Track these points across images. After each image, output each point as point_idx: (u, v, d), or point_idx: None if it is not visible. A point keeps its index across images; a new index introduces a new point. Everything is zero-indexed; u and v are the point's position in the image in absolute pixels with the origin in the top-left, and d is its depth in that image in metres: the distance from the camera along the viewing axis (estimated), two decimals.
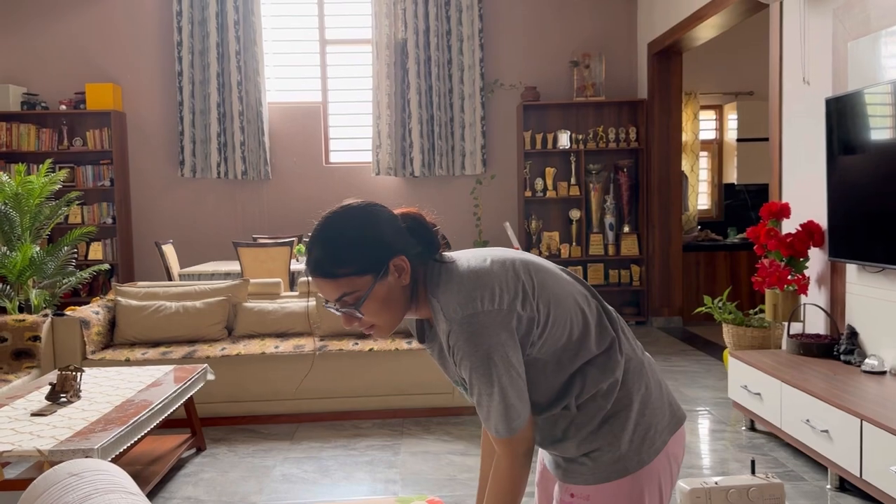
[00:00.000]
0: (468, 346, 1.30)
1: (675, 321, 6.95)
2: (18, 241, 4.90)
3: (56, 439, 2.60)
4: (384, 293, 1.35)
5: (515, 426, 1.34)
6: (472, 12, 6.97)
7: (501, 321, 1.31)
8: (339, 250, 1.33)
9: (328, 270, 1.33)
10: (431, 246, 1.41)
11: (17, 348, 4.02)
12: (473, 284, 1.33)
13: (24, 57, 7.00)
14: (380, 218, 1.36)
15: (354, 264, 1.32)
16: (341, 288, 1.33)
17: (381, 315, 1.37)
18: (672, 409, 1.48)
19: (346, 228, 1.34)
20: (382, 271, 1.33)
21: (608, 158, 7.15)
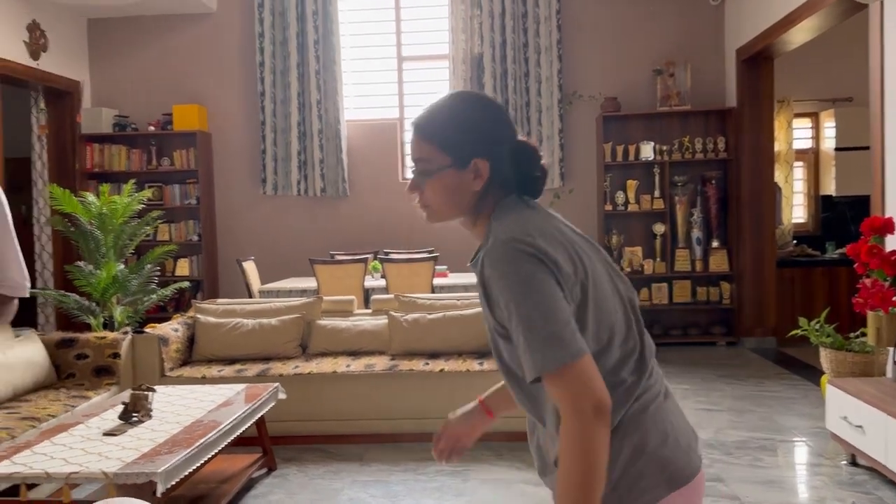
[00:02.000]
0: (507, 267, 1.19)
1: (768, 342, 6.56)
2: (103, 259, 5.07)
3: (122, 461, 2.62)
4: (452, 182, 1.33)
5: (561, 356, 1.13)
6: (549, 23, 6.83)
7: (547, 266, 1.19)
8: (440, 119, 1.34)
9: (423, 127, 1.35)
10: (523, 180, 1.35)
11: (98, 365, 4.13)
12: (536, 227, 1.25)
13: (116, 81, 7.31)
14: (496, 121, 1.35)
15: (443, 138, 1.33)
16: (423, 151, 1.34)
17: (438, 200, 1.35)
18: (676, 463, 1.28)
19: (461, 107, 1.35)
20: (463, 163, 1.32)
21: (695, 170, 6.84)
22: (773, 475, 3.59)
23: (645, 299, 6.81)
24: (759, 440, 4.09)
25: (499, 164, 1.33)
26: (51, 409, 3.60)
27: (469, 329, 4.39)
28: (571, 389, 1.13)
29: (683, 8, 6.88)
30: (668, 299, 6.81)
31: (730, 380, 5.47)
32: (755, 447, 3.97)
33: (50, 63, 6.64)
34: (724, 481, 3.49)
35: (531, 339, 1.15)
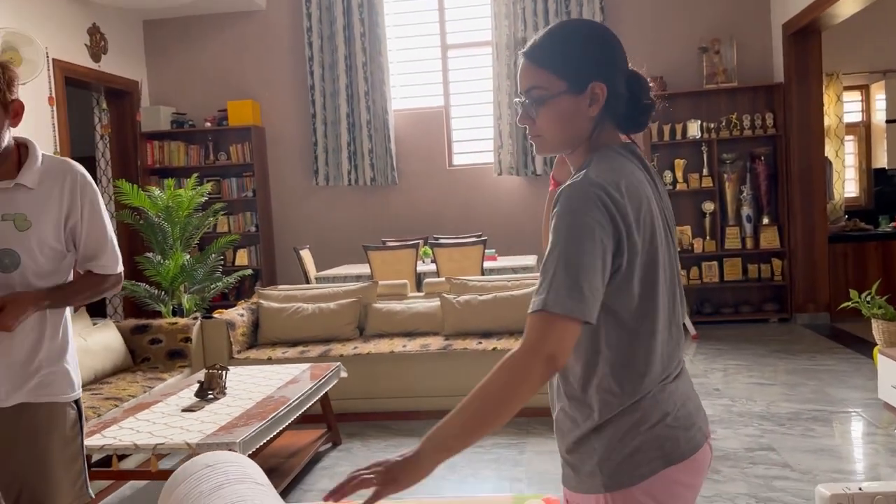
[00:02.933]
0: (579, 205, 1.19)
1: (821, 317, 6.52)
2: (171, 250, 5.34)
3: (203, 433, 2.83)
4: (567, 108, 1.29)
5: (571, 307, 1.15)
6: (592, 5, 6.86)
7: (612, 218, 1.19)
8: (557, 44, 1.30)
9: (536, 54, 1.31)
10: (634, 110, 1.32)
11: (171, 349, 4.39)
12: (629, 183, 1.24)
13: (173, 80, 7.60)
14: (611, 45, 1.31)
15: (560, 63, 1.29)
16: (536, 78, 1.30)
17: (551, 128, 1.31)
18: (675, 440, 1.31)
19: (574, 32, 1.32)
20: (579, 87, 1.28)
21: (743, 147, 6.81)
22: (824, 444, 3.64)
23: (695, 278, 6.82)
24: (812, 411, 4.13)
25: (615, 88, 1.30)
26: (130, 390, 3.85)
27: (520, 309, 4.52)
28: (550, 336, 1.15)
29: None
30: (718, 277, 6.81)
31: (782, 355, 5.49)
32: (807, 418, 4.02)
33: (110, 64, 6.94)
34: (775, 450, 3.56)
35: (559, 277, 1.16)
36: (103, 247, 1.99)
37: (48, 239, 1.90)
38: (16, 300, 1.82)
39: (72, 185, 1.93)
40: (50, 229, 1.90)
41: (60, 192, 1.92)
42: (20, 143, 1.96)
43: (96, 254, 1.98)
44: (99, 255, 1.99)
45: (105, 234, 2.00)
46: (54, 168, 1.95)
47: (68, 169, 1.95)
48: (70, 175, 1.94)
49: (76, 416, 1.98)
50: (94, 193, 1.98)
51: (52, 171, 1.94)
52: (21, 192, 1.90)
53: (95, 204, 1.97)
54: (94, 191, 1.99)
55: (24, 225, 1.88)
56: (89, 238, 1.97)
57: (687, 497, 1.35)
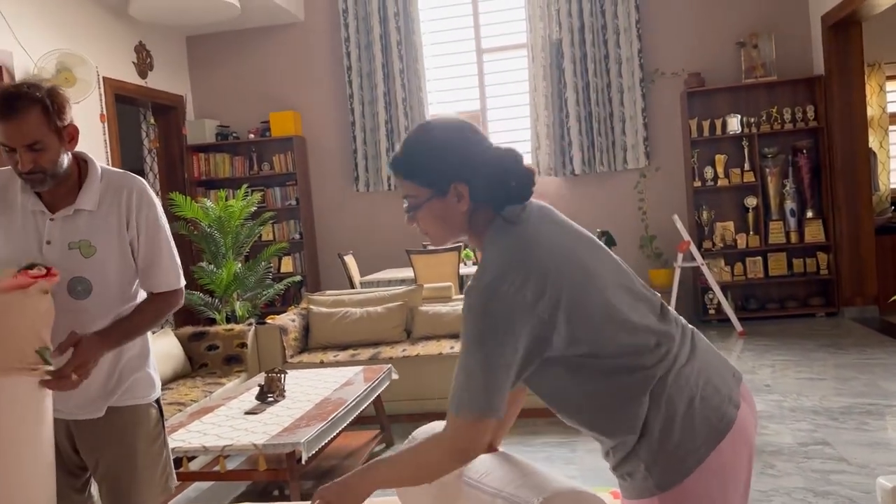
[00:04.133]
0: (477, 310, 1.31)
1: (869, 311, 6.44)
2: (223, 259, 5.50)
3: (268, 434, 2.93)
4: (439, 210, 1.43)
5: (480, 408, 1.30)
6: (627, 4, 6.87)
7: (520, 311, 1.30)
8: (413, 156, 1.44)
9: (399, 168, 1.45)
10: (507, 194, 1.41)
11: (228, 354, 4.52)
12: (515, 259, 1.33)
13: (217, 93, 7.79)
14: (465, 141, 1.42)
15: (420, 174, 1.42)
16: (405, 188, 1.45)
17: (432, 228, 1.46)
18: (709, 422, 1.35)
19: (427, 138, 1.44)
20: (442, 191, 1.41)
21: (784, 140, 6.76)
22: (879, 437, 3.62)
23: (740, 274, 6.79)
24: (865, 405, 4.10)
25: (477, 182, 1.40)
26: (192, 395, 3.99)
27: None
28: (465, 434, 1.33)
29: None
30: (763, 273, 6.76)
31: (832, 349, 5.44)
32: (861, 412, 3.99)
33: (156, 80, 7.14)
34: (830, 444, 3.55)
35: (468, 381, 1.32)
36: (160, 262, 1.95)
37: (115, 261, 1.90)
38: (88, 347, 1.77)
39: (128, 200, 1.91)
40: (115, 251, 1.90)
41: (119, 210, 1.90)
42: (79, 158, 1.94)
43: (153, 270, 1.95)
44: (156, 271, 1.95)
45: (160, 249, 1.95)
46: (114, 183, 1.93)
47: (126, 183, 1.94)
48: (127, 189, 1.92)
49: (158, 414, 2.08)
50: (151, 207, 1.94)
51: (111, 186, 1.92)
52: (82, 216, 1.88)
53: (152, 218, 1.94)
54: (152, 204, 1.95)
55: (89, 251, 1.88)
56: (147, 253, 1.94)
57: (740, 468, 1.39)
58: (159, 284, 1.98)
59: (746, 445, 1.39)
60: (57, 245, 1.88)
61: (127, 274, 1.95)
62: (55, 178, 1.85)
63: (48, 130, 1.80)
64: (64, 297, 1.85)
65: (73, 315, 1.85)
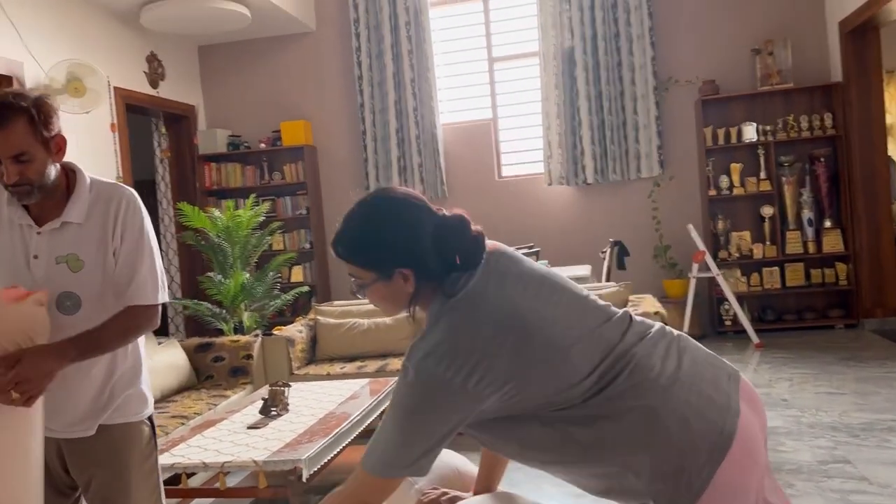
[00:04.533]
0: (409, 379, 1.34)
1: (890, 322, 6.29)
2: (231, 269, 5.46)
3: (269, 450, 2.87)
4: (384, 291, 1.45)
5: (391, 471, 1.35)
6: (640, 11, 6.79)
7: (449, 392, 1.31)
8: (354, 241, 1.44)
9: (342, 250, 1.47)
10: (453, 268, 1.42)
11: (234, 366, 4.47)
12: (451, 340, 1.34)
13: (228, 103, 7.78)
14: (405, 223, 1.42)
15: (361, 259, 1.43)
16: (350, 269, 1.47)
17: (380, 304, 1.50)
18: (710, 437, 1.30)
19: (368, 225, 1.44)
20: (387, 275, 1.42)
21: (801, 149, 6.64)
22: None
23: (756, 284, 6.66)
24: (887, 421, 3.98)
25: (423, 264, 1.41)
26: (196, 408, 3.93)
27: None
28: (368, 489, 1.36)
29: None
30: (780, 283, 6.63)
31: (851, 362, 5.31)
32: (882, 429, 3.87)
33: (168, 90, 7.14)
34: (851, 463, 3.43)
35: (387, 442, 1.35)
36: (138, 271, 1.86)
37: (105, 275, 1.85)
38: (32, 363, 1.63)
39: (116, 210, 1.85)
40: (104, 264, 1.85)
41: (105, 222, 1.85)
42: (67, 169, 1.89)
43: (130, 279, 1.85)
44: (132, 281, 1.85)
45: (141, 259, 1.86)
46: (103, 194, 1.88)
47: (115, 194, 1.88)
48: (116, 201, 1.87)
49: (150, 431, 2.03)
50: (137, 218, 1.88)
51: (101, 198, 1.87)
52: (70, 229, 1.83)
53: (136, 227, 1.87)
54: (137, 215, 1.88)
55: (77, 266, 1.82)
56: (125, 261, 1.85)
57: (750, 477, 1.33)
58: (134, 296, 1.86)
59: (752, 453, 1.34)
60: (44, 259, 1.84)
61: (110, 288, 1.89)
62: (42, 191, 1.81)
63: (34, 141, 1.76)
64: (52, 313, 1.80)
65: (62, 331, 1.80)
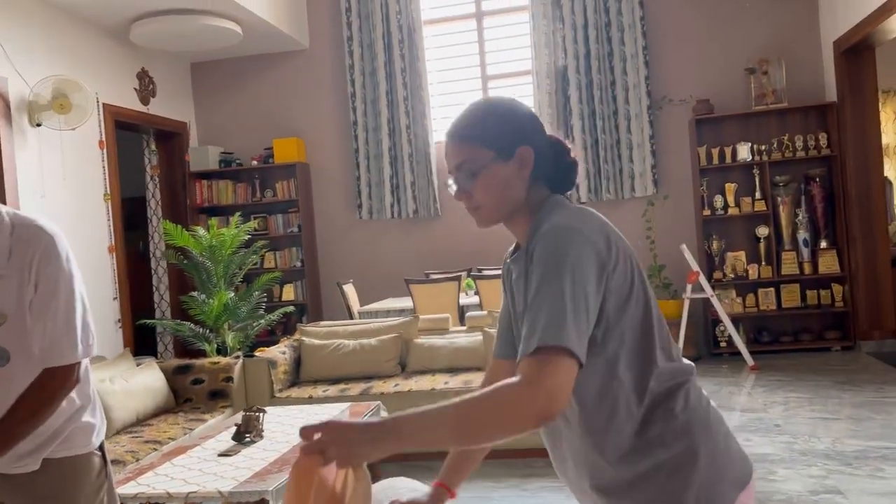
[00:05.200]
0: (553, 248, 1.20)
1: (887, 345, 6.19)
2: (214, 289, 5.38)
3: (236, 480, 2.77)
4: (501, 176, 1.32)
5: (566, 339, 1.10)
6: (634, 31, 6.75)
7: (596, 252, 1.20)
8: (476, 118, 1.35)
9: (459, 132, 1.35)
10: (560, 171, 1.38)
11: (213, 389, 4.38)
12: (583, 216, 1.28)
13: (221, 120, 7.74)
14: (529, 114, 1.38)
15: (484, 134, 1.32)
16: (464, 154, 1.33)
17: (488, 197, 1.33)
18: (742, 458, 1.32)
19: (492, 105, 1.38)
20: (507, 153, 1.32)
21: (796, 169, 6.57)
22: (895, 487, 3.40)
23: (752, 305, 6.57)
24: (881, 449, 3.87)
25: (540, 149, 1.35)
26: (170, 433, 3.84)
27: None
28: (548, 372, 1.09)
29: (773, 4, 6.64)
30: (776, 304, 6.54)
31: (847, 386, 5.20)
32: (876, 457, 3.76)
33: (159, 107, 7.11)
34: (843, 494, 3.33)
35: (552, 312, 1.13)
36: (48, 326, 1.67)
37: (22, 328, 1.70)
38: None
39: (31, 256, 1.67)
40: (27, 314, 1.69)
41: (23, 269, 1.67)
42: None
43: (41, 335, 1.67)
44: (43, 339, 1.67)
45: (54, 312, 1.67)
46: (23, 238, 1.69)
47: (33, 239, 1.69)
48: (33, 247, 1.68)
49: (101, 462, 1.92)
50: (52, 267, 1.69)
51: (20, 241, 1.69)
52: None
53: (51, 275, 1.68)
54: (52, 263, 1.69)
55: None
56: (36, 316, 1.67)
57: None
58: (46, 356, 1.67)
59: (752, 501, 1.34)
60: None
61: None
62: None
63: None
64: None
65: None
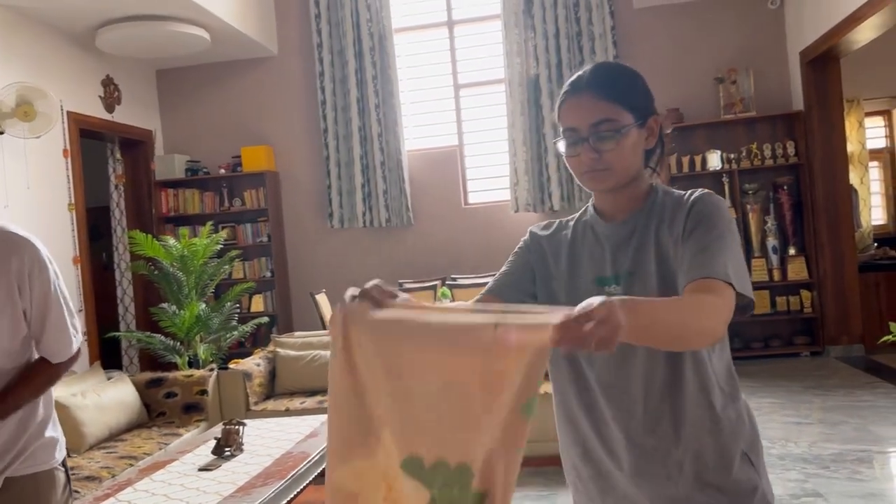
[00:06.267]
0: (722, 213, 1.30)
1: (855, 350, 6.31)
2: (186, 300, 5.25)
3: (220, 495, 2.69)
4: (634, 141, 1.33)
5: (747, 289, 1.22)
6: (605, 40, 6.81)
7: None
8: (623, 80, 1.36)
9: (606, 88, 1.32)
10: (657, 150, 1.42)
11: (187, 402, 4.26)
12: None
13: (187, 128, 7.60)
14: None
15: (630, 97, 1.33)
16: (605, 112, 1.31)
17: (620, 160, 1.32)
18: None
19: (633, 72, 1.40)
20: (643, 121, 1.34)
21: (765, 177, 6.68)
22: (874, 488, 3.45)
23: None
24: (856, 452, 3.93)
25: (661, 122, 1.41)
26: (145, 448, 3.73)
27: None
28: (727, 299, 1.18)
29: (741, 14, 6.76)
30: None
31: (818, 391, 5.28)
32: (853, 460, 3.82)
33: (124, 115, 6.94)
34: (823, 496, 3.36)
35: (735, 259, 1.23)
36: (47, 332, 1.83)
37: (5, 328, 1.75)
38: None
39: (19, 267, 1.74)
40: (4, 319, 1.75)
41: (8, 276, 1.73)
42: None
43: (39, 337, 1.83)
44: (44, 342, 1.83)
45: (48, 317, 1.81)
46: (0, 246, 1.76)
47: (14, 249, 1.75)
48: (17, 256, 1.75)
49: (64, 478, 1.89)
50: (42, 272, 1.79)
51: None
52: None
53: (45, 284, 1.79)
54: (45, 271, 1.80)
55: None
56: (35, 321, 1.81)
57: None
58: (53, 357, 1.85)
59: None
60: None
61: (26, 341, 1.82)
62: None
63: None
64: None
65: None
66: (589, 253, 1.39)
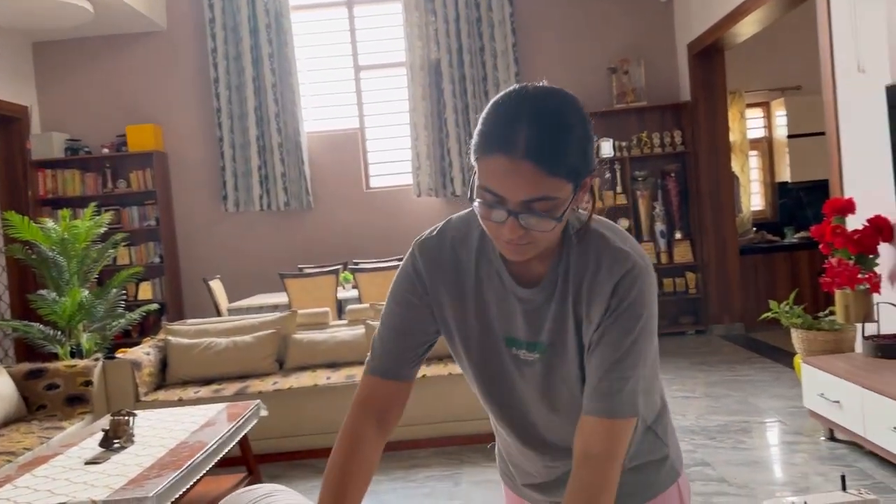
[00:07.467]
0: (646, 300, 1.11)
1: (736, 328, 6.69)
2: (67, 286, 4.93)
3: (110, 488, 2.54)
4: (567, 215, 1.07)
5: (637, 409, 1.13)
6: (504, 27, 6.88)
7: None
8: (570, 143, 1.03)
9: (550, 160, 1.01)
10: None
11: (70, 394, 4.01)
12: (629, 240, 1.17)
13: (65, 104, 7.13)
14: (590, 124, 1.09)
15: (574, 161, 1.03)
16: (543, 189, 1.01)
17: (550, 236, 1.08)
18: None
19: (575, 119, 1.05)
20: (580, 185, 1.06)
21: (654, 164, 6.96)
22: (756, 456, 3.66)
23: None
24: (739, 423, 4.16)
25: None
26: (26, 443, 3.48)
27: None
28: (623, 440, 1.11)
29: (634, 6, 6.99)
30: None
31: (702, 367, 5.57)
32: (736, 430, 4.04)
33: None
34: (710, 465, 3.54)
35: (637, 380, 1.12)
36: None
37: None
38: None
39: None
40: None
41: None
42: None
43: None
44: None
45: None
46: None
47: None
48: None
49: None
50: None
51: None
52: None
53: None
54: None
55: None
56: None
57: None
58: None
59: None
60: None
61: None
62: None
63: None
64: None
65: None
66: (497, 306, 1.20)
